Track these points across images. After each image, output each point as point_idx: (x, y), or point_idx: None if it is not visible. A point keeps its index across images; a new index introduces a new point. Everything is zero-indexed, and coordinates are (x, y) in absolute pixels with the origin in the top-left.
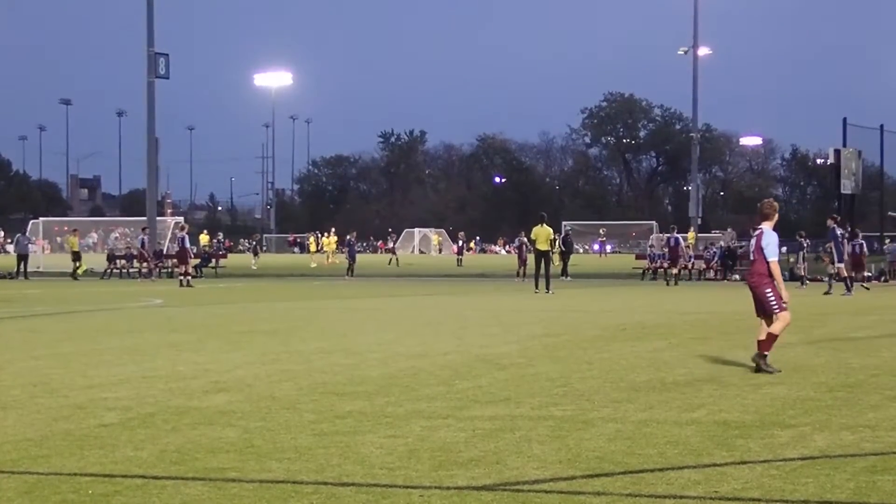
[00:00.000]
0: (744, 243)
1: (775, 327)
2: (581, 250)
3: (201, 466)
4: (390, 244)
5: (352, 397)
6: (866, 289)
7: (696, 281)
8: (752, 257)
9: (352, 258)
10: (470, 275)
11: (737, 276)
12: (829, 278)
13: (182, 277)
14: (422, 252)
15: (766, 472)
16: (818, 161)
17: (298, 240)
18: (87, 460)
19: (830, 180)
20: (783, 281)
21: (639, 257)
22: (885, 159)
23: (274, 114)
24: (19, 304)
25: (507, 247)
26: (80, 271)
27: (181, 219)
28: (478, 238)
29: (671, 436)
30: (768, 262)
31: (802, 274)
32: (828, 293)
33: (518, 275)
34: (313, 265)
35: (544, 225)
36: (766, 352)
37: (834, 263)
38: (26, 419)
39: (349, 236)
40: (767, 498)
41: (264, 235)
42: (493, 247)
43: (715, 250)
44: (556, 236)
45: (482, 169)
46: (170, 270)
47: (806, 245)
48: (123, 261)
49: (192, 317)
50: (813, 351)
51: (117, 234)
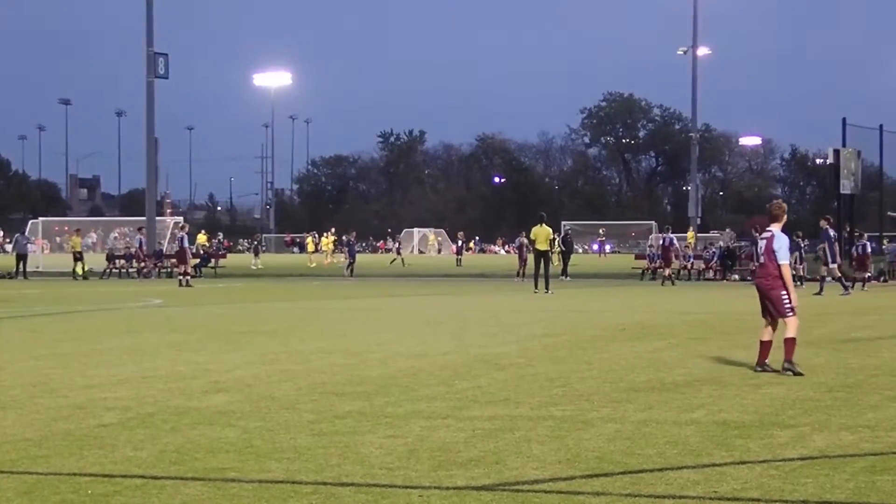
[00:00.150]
0: (743, 243)
1: (791, 332)
2: (580, 250)
3: (201, 466)
4: (391, 244)
5: (351, 397)
6: (863, 289)
7: (695, 281)
8: (760, 259)
9: (352, 258)
10: (469, 275)
11: (736, 277)
12: (821, 279)
13: (181, 277)
14: (421, 252)
15: (765, 473)
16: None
17: (297, 240)
18: (86, 460)
19: (830, 180)
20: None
21: (638, 257)
22: (884, 159)
23: (273, 114)
24: (19, 304)
25: (507, 247)
26: (80, 271)
27: (181, 219)
28: (477, 238)
29: (670, 436)
30: (780, 266)
31: (802, 274)
32: (818, 294)
33: (518, 275)
34: (312, 265)
35: (544, 225)
36: (790, 358)
37: (827, 265)
38: (26, 419)
39: (345, 236)
40: (767, 498)
41: (264, 235)
42: (492, 247)
43: (714, 250)
44: (556, 236)
45: (481, 169)
46: (169, 270)
47: (804, 245)
48: (123, 261)
49: (191, 317)
50: (812, 351)
51: (116, 234)
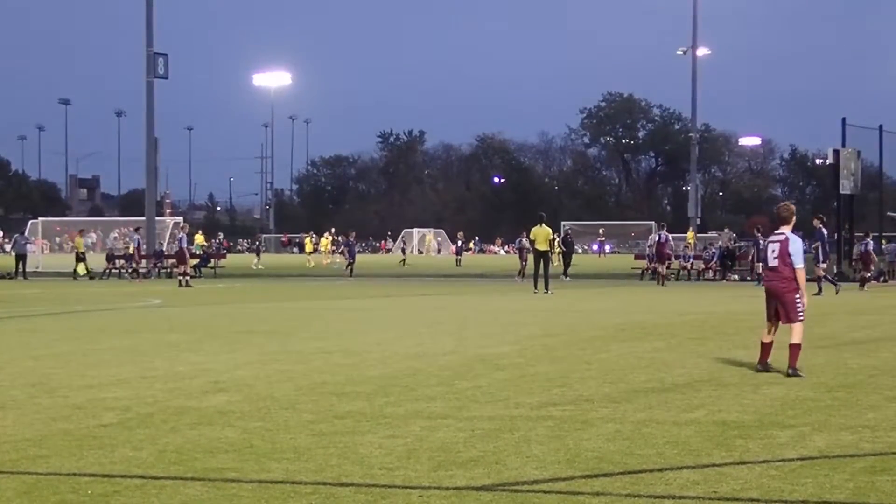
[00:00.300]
0: (743, 243)
1: (796, 338)
2: (580, 250)
3: (200, 466)
4: (391, 244)
5: (351, 397)
6: (863, 289)
7: (694, 281)
8: (772, 262)
9: (351, 257)
10: (469, 275)
11: (735, 277)
12: (818, 279)
13: (181, 277)
14: (420, 252)
15: (765, 473)
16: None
17: (294, 240)
18: (86, 460)
19: (829, 180)
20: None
21: (638, 257)
22: (884, 159)
23: (273, 114)
24: (18, 305)
25: (506, 247)
26: (83, 271)
27: (180, 219)
28: (477, 238)
29: (670, 436)
30: (795, 269)
31: None
32: (818, 294)
33: (519, 275)
34: (310, 265)
35: (543, 225)
36: (795, 364)
37: (818, 264)
38: (25, 419)
39: (342, 236)
40: (766, 498)
41: (263, 236)
42: (491, 247)
43: (714, 250)
44: (556, 236)
45: (481, 169)
46: (168, 270)
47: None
48: (122, 261)
49: (191, 317)
50: (812, 351)
51: (116, 234)
